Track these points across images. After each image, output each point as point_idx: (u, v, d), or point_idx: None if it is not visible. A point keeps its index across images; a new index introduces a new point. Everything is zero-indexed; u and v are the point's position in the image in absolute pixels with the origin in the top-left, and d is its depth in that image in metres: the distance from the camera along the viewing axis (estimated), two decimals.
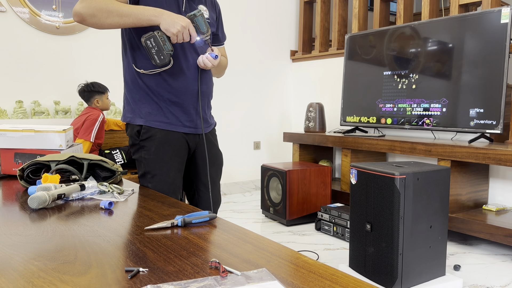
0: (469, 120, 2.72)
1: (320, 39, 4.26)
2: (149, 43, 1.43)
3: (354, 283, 0.70)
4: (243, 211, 3.58)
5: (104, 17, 1.40)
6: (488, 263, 2.40)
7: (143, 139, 1.58)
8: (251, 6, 4.25)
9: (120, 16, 1.40)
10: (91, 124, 2.95)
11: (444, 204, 1.97)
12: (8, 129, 1.66)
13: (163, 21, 1.40)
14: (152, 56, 1.45)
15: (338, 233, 2.81)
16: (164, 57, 1.45)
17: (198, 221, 1.04)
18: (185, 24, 1.42)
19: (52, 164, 1.45)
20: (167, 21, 1.40)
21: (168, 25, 1.40)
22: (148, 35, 1.43)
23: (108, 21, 1.41)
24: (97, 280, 0.70)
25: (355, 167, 2.06)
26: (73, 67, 3.34)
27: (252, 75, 4.33)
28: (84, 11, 1.39)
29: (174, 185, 1.60)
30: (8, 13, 3.07)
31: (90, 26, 1.44)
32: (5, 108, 3.07)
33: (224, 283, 0.69)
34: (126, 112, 1.64)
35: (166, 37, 1.44)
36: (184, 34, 1.43)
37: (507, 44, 2.55)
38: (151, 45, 1.43)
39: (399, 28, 3.17)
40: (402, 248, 1.84)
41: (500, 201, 2.84)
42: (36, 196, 1.15)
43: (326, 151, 3.95)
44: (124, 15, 1.39)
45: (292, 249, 0.87)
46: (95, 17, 1.40)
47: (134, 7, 1.42)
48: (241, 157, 4.31)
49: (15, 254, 0.82)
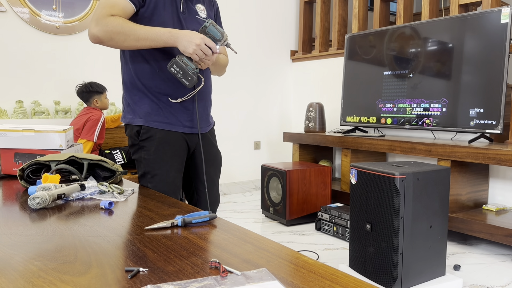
0: (469, 120, 2.72)
1: (320, 39, 4.26)
2: (173, 70, 1.46)
3: (354, 283, 0.71)
4: (243, 211, 3.58)
5: (122, 40, 1.44)
6: (488, 263, 2.40)
7: (142, 139, 1.58)
8: (251, 6, 4.25)
9: (137, 40, 1.44)
10: (94, 125, 2.96)
11: (444, 204, 1.97)
12: (8, 129, 1.66)
13: (180, 44, 1.43)
14: (181, 80, 1.47)
15: (338, 233, 2.81)
16: (192, 77, 1.47)
17: (198, 221, 1.04)
18: (199, 42, 1.42)
19: (52, 164, 1.45)
20: (183, 42, 1.42)
21: (185, 47, 1.43)
22: (170, 63, 1.46)
23: (126, 44, 1.45)
24: (97, 280, 0.70)
25: (355, 167, 2.06)
26: (73, 67, 3.34)
27: (252, 75, 4.33)
28: (102, 35, 1.44)
29: (174, 185, 1.60)
30: (8, 13, 3.08)
31: (108, 46, 1.49)
32: (5, 108, 3.07)
33: (224, 283, 0.69)
34: (125, 113, 1.64)
35: (187, 57, 1.46)
36: (203, 49, 1.43)
37: (507, 44, 2.55)
38: (175, 71, 1.46)
39: (399, 28, 3.17)
40: (402, 248, 1.84)
41: (500, 201, 2.84)
42: (36, 196, 1.15)
43: (326, 151, 3.95)
44: (141, 39, 1.43)
45: (292, 249, 0.87)
46: (113, 41, 1.44)
47: (149, 30, 1.44)
48: (241, 157, 4.31)
49: (15, 254, 0.82)
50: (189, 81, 1.47)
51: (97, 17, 1.45)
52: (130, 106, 1.61)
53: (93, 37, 1.46)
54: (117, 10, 1.46)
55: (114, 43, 1.45)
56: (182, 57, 1.45)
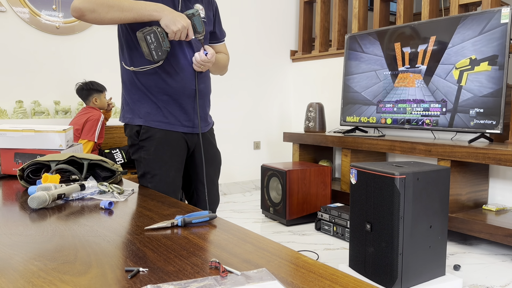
0: (469, 120, 2.72)
1: (320, 39, 4.26)
2: (148, 38, 1.40)
3: (354, 283, 0.70)
4: (243, 211, 3.58)
5: (105, 12, 1.37)
6: (488, 263, 2.40)
7: (142, 139, 1.58)
8: (251, 6, 4.25)
9: (121, 11, 1.38)
10: (94, 125, 2.96)
11: (444, 204, 1.97)
12: (8, 129, 1.66)
13: (165, 17, 1.40)
14: (150, 51, 1.42)
15: (338, 233, 2.81)
16: (162, 54, 1.44)
17: (198, 221, 1.04)
18: (185, 24, 1.43)
19: (52, 164, 1.45)
20: (169, 18, 1.40)
21: (170, 22, 1.40)
22: (147, 30, 1.40)
23: (109, 16, 1.38)
24: (97, 280, 0.70)
25: (355, 167, 2.06)
26: (73, 67, 3.34)
27: (252, 75, 4.33)
28: (83, 6, 1.36)
29: (174, 185, 1.60)
30: (8, 13, 3.07)
31: (89, 21, 1.41)
32: (5, 108, 3.07)
33: (224, 283, 0.69)
34: (125, 112, 1.64)
35: (165, 34, 1.43)
36: (183, 33, 1.43)
37: (507, 44, 2.55)
38: (150, 40, 1.41)
39: (399, 28, 3.17)
40: (402, 248, 1.84)
41: (500, 201, 2.84)
42: (36, 196, 1.15)
43: (326, 151, 3.95)
44: (125, 9, 1.38)
45: (292, 249, 0.87)
46: (95, 12, 1.37)
47: (134, 2, 1.41)
48: (241, 157, 4.31)
49: (15, 254, 0.82)
50: (158, 56, 1.43)
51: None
52: (130, 105, 1.61)
53: (74, 9, 1.37)
54: None
55: (96, 15, 1.37)
56: (163, 31, 1.42)
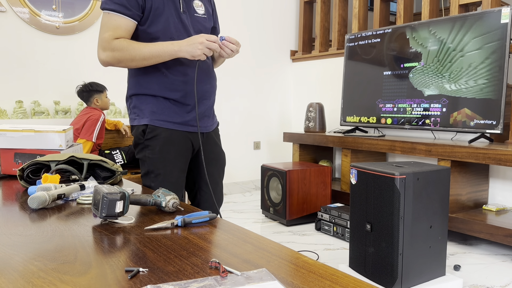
0: (469, 120, 2.72)
1: (320, 39, 4.26)
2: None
3: (354, 283, 0.70)
4: (243, 211, 3.58)
5: (129, 61, 1.51)
6: (488, 263, 2.40)
7: (148, 138, 1.58)
8: (251, 6, 4.25)
9: (143, 60, 1.50)
10: (93, 124, 2.95)
11: (444, 204, 1.97)
12: (8, 129, 1.66)
13: (185, 53, 1.47)
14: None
15: (338, 233, 2.81)
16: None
17: (198, 221, 1.04)
18: (201, 40, 1.45)
19: (52, 164, 1.45)
20: (188, 50, 1.46)
21: (191, 53, 1.46)
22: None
23: (134, 64, 1.52)
24: (97, 280, 0.70)
25: (355, 167, 2.06)
26: (73, 67, 3.34)
27: (252, 75, 4.33)
28: (110, 60, 1.51)
29: (177, 185, 1.60)
30: (8, 13, 3.07)
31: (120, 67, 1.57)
32: (5, 108, 3.07)
33: (224, 283, 0.69)
34: (132, 115, 1.64)
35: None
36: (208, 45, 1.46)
37: (507, 44, 2.55)
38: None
39: (399, 28, 3.17)
40: (402, 248, 1.84)
41: (500, 201, 2.84)
42: (36, 196, 1.15)
43: (326, 151, 3.95)
44: (147, 57, 1.49)
45: (292, 249, 0.87)
46: (122, 63, 1.52)
47: (153, 47, 1.48)
48: (241, 157, 4.31)
49: (15, 254, 0.82)
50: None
51: (101, 42, 1.49)
52: (136, 107, 1.61)
53: (103, 62, 1.53)
54: (119, 31, 1.49)
55: (123, 64, 1.52)
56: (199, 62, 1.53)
